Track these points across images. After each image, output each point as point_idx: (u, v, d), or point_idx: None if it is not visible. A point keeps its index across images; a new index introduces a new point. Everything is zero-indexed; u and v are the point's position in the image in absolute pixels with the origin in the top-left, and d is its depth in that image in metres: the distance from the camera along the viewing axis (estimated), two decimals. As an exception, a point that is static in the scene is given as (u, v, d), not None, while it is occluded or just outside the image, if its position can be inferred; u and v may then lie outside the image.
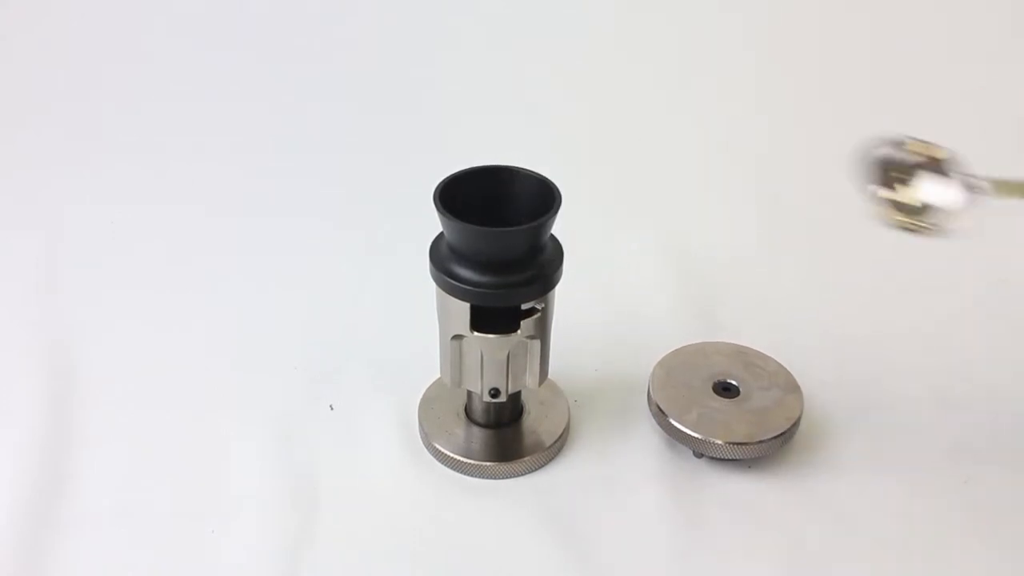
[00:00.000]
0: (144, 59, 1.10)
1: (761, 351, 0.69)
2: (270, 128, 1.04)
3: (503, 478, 0.64)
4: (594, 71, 1.05)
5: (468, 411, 0.67)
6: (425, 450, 0.66)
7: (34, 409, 0.68)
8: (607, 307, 0.79)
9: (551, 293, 0.59)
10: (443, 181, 0.57)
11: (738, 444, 0.61)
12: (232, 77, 1.09)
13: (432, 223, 0.57)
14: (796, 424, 0.63)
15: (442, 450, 0.64)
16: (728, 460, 0.64)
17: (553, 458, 0.65)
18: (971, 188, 0.46)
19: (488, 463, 0.64)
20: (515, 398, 0.66)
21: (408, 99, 1.06)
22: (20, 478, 0.62)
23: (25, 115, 1.04)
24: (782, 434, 0.62)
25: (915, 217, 0.47)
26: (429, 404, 0.68)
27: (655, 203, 0.92)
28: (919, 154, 0.47)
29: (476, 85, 1.07)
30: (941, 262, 0.84)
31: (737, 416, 0.63)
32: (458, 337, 0.60)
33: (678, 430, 0.63)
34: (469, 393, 0.66)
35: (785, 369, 0.67)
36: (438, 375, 0.64)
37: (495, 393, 0.62)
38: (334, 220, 0.91)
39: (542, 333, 0.60)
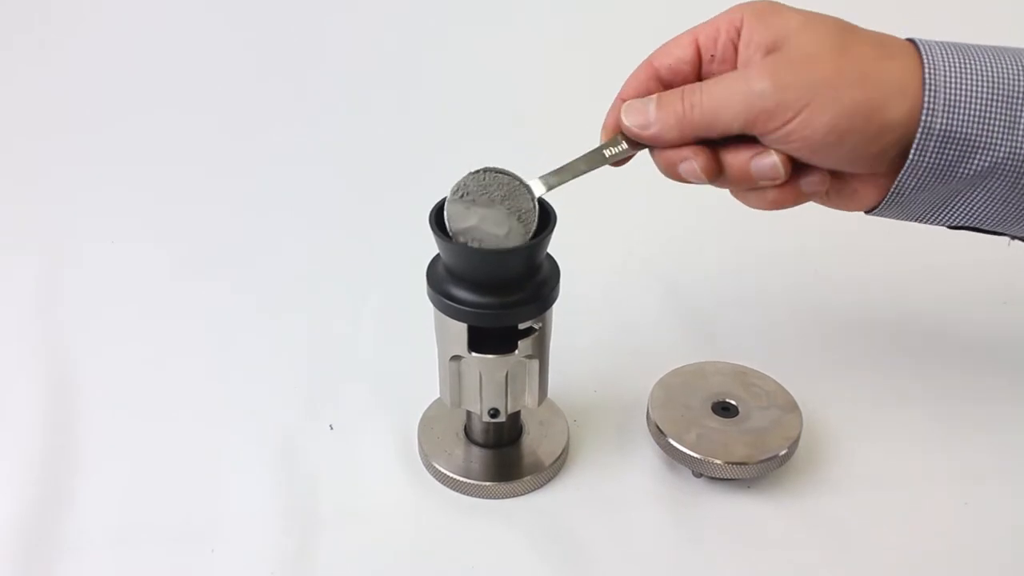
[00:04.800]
0: (145, 76, 1.11)
1: (760, 370, 0.69)
2: (269, 147, 1.05)
3: (503, 498, 0.64)
4: (592, 89, 1.05)
5: (467, 431, 0.67)
6: (425, 470, 0.66)
7: (34, 426, 0.68)
8: (605, 327, 0.79)
9: (548, 312, 0.59)
10: (439, 203, 0.57)
11: (737, 464, 0.61)
12: (232, 97, 1.10)
13: (431, 242, 0.58)
14: (795, 444, 0.63)
15: (442, 470, 0.64)
16: (727, 480, 0.64)
17: (552, 478, 0.65)
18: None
19: (488, 483, 0.64)
20: (514, 418, 0.66)
21: (406, 120, 1.06)
22: (20, 495, 0.62)
23: (26, 132, 1.05)
24: (781, 454, 0.62)
25: None
26: (428, 424, 0.68)
27: (654, 222, 0.92)
28: None
29: (472, 106, 1.08)
30: (941, 282, 0.84)
31: (736, 436, 0.63)
32: (456, 358, 0.60)
33: (677, 450, 0.63)
34: (468, 413, 0.66)
35: (784, 389, 0.67)
36: (437, 395, 0.64)
37: (494, 413, 0.62)
38: (332, 240, 0.91)
39: (540, 353, 0.60)
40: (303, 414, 0.70)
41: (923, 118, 0.50)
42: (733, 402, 0.66)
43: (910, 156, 0.51)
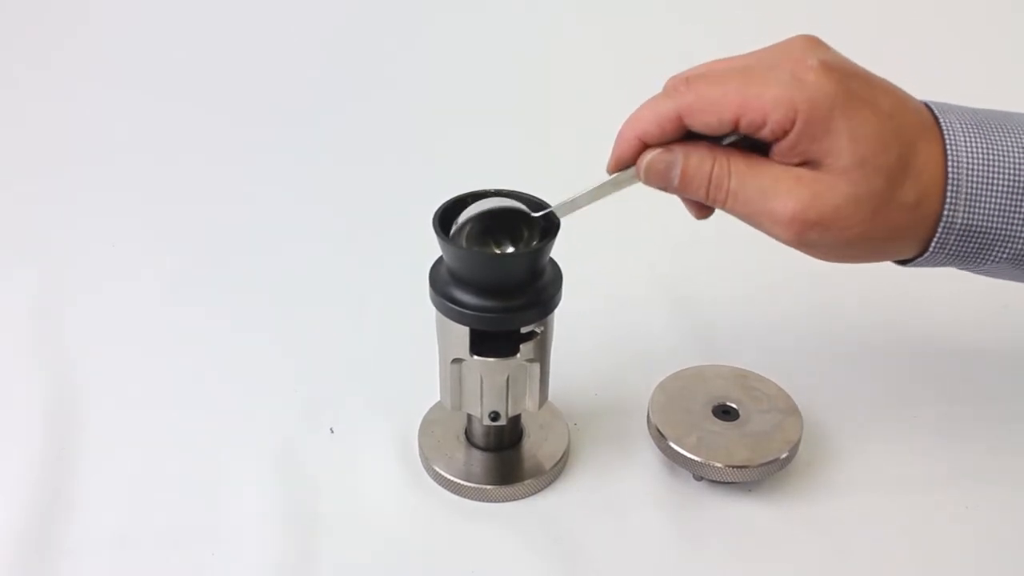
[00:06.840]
0: (145, 76, 1.11)
1: (760, 374, 0.69)
2: (269, 153, 1.05)
3: (503, 501, 0.64)
4: (594, 93, 1.05)
5: (468, 434, 0.67)
6: (425, 473, 0.66)
7: (33, 428, 0.68)
8: (607, 330, 0.79)
9: (550, 316, 0.59)
10: (442, 205, 0.57)
11: (738, 467, 0.61)
12: (233, 96, 1.10)
13: (433, 245, 0.58)
14: (796, 447, 0.63)
15: (442, 473, 0.64)
16: (728, 483, 0.64)
17: (553, 481, 0.65)
18: None
19: (488, 486, 0.64)
20: (515, 421, 0.66)
21: (408, 124, 1.06)
22: (19, 498, 0.62)
23: (27, 133, 1.05)
24: (782, 457, 0.62)
25: None
26: (429, 427, 0.68)
27: (656, 227, 0.92)
28: None
29: (475, 109, 1.08)
30: (941, 286, 0.84)
31: (737, 439, 0.63)
32: (458, 361, 0.60)
33: (678, 453, 0.63)
34: (469, 416, 0.66)
35: (784, 392, 0.67)
36: (438, 398, 0.64)
37: (495, 416, 0.62)
38: (334, 244, 0.91)
39: (541, 356, 0.60)
40: (303, 417, 0.70)
41: (945, 213, 0.49)
42: (734, 405, 0.66)
43: (930, 248, 0.51)
